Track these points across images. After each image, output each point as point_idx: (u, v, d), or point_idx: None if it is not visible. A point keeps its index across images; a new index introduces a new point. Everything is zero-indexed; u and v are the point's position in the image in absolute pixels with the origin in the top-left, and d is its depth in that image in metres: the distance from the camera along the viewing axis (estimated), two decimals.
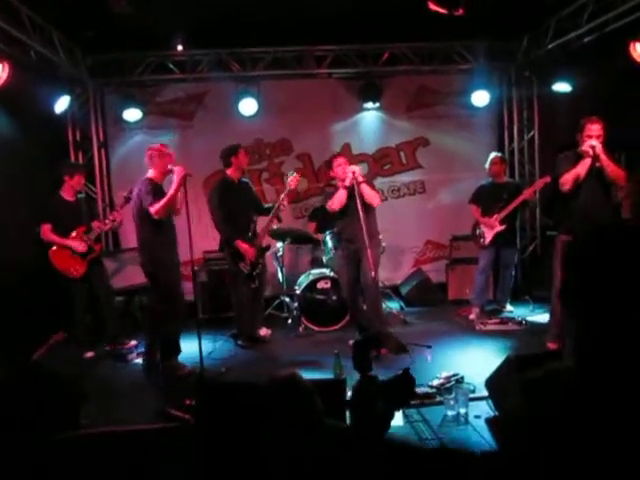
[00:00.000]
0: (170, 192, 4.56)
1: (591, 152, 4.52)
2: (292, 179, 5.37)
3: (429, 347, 4.95)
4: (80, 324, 5.44)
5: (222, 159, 5.55)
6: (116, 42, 6.31)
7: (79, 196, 5.63)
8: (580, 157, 4.63)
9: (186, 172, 4.48)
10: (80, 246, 5.31)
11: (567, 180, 4.60)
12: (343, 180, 5.17)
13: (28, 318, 5.17)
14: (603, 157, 4.54)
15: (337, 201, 5.24)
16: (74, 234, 5.33)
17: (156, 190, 4.66)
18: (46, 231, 5.26)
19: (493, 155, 6.38)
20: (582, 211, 4.59)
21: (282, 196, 5.43)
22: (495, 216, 6.05)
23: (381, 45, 6.95)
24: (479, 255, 6.36)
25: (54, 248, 5.26)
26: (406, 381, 2.27)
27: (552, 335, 4.79)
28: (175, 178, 4.54)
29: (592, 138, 4.58)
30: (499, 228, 6.04)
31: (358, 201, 5.03)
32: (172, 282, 4.74)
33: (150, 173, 4.79)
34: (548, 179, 5.74)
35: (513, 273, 6.33)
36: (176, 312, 4.76)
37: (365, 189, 5.16)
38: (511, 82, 7.47)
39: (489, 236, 6.12)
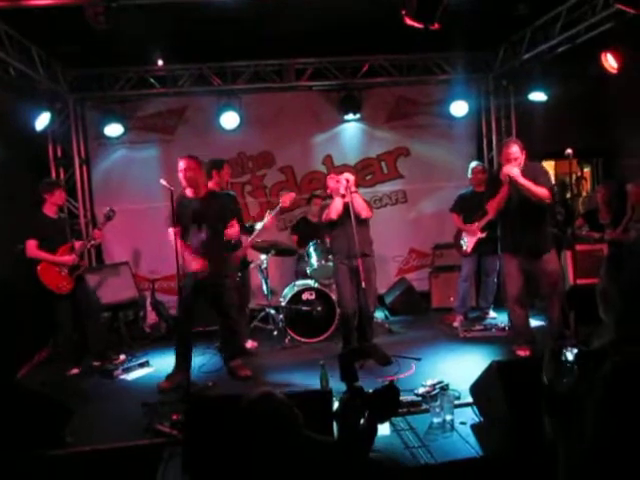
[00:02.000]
0: None
1: (507, 180, 4.63)
2: (286, 197, 5.48)
3: (418, 359, 4.95)
4: (65, 341, 5.39)
5: (205, 170, 5.56)
6: (96, 57, 6.31)
7: (61, 215, 5.62)
8: (498, 178, 4.77)
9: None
10: (70, 259, 5.28)
11: (491, 208, 4.80)
12: (338, 192, 5.19)
13: (11, 336, 5.12)
14: (521, 182, 4.61)
15: (334, 210, 5.20)
16: (60, 251, 5.29)
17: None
18: (32, 247, 5.20)
19: (475, 164, 6.48)
20: (515, 230, 4.74)
21: (268, 215, 5.55)
22: (476, 224, 6.14)
23: (360, 57, 7.04)
24: (461, 263, 6.44)
25: (42, 265, 5.20)
26: (391, 393, 2.31)
27: (521, 342, 4.86)
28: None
29: (510, 162, 4.65)
30: (480, 235, 6.13)
31: (352, 213, 5.02)
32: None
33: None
34: None
35: (495, 280, 6.41)
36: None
37: (356, 199, 5.16)
38: (489, 92, 7.60)
39: (471, 244, 6.21)
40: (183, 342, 4.87)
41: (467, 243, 6.25)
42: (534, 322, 5.23)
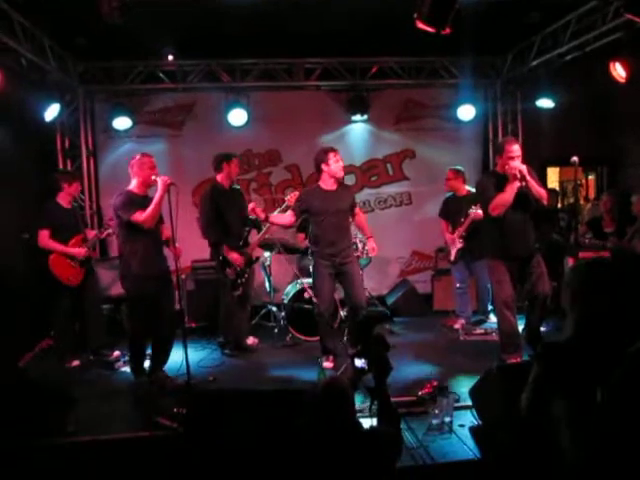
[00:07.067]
0: (155, 201, 4.43)
1: (519, 175, 4.50)
2: (292, 196, 5.31)
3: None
4: (66, 332, 5.40)
5: (214, 163, 5.53)
6: (107, 50, 6.34)
7: (74, 205, 5.62)
8: (501, 177, 4.64)
9: (171, 181, 4.35)
10: (80, 251, 5.27)
11: (497, 205, 4.58)
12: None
13: (14, 325, 5.16)
14: (529, 178, 4.55)
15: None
16: (72, 242, 5.29)
17: (135, 201, 4.51)
18: (44, 237, 5.17)
19: (447, 170, 6.37)
20: (509, 235, 4.64)
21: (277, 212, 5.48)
22: (456, 233, 6.12)
23: (369, 59, 7.07)
24: (452, 269, 6.44)
25: (54, 255, 5.19)
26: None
27: (512, 350, 4.73)
28: (159, 187, 4.41)
29: (515, 160, 4.56)
30: (459, 246, 6.10)
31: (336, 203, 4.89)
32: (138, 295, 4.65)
33: (132, 184, 4.64)
34: None
35: (488, 285, 6.14)
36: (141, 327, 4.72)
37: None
38: (496, 97, 7.63)
39: (453, 252, 6.20)
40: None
41: (450, 252, 6.26)
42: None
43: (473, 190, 6.21)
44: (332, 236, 4.90)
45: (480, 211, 5.75)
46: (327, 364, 5.03)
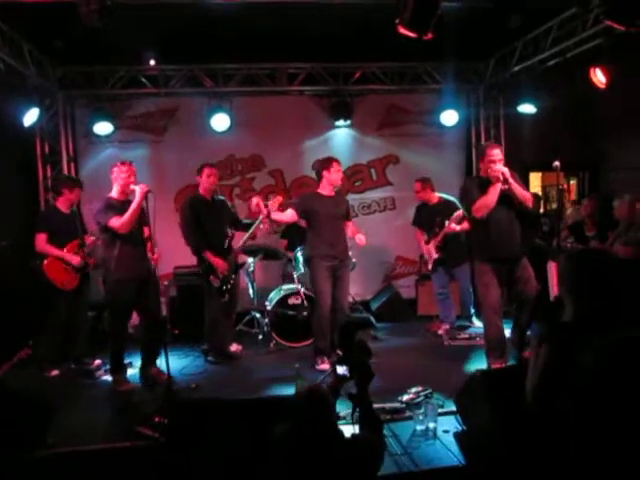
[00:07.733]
0: (131, 208, 4.61)
1: (501, 178, 4.51)
2: (274, 201, 5.30)
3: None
4: (51, 339, 5.29)
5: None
6: (87, 54, 6.27)
7: (73, 209, 5.54)
8: (484, 181, 4.64)
9: (148, 189, 4.57)
10: (75, 259, 5.20)
11: (480, 207, 4.57)
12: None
13: None
14: (511, 181, 4.55)
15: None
16: (68, 247, 5.21)
17: (113, 207, 4.71)
18: (41, 241, 5.12)
19: (415, 182, 6.40)
20: (496, 236, 4.62)
21: (260, 218, 5.40)
22: (431, 244, 6.13)
23: (352, 64, 7.08)
24: (432, 277, 6.44)
25: (49, 260, 5.12)
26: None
27: (497, 355, 4.69)
28: (137, 195, 4.62)
29: (496, 163, 4.57)
30: (435, 256, 6.12)
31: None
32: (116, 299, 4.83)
33: (113, 190, 4.88)
34: (460, 213, 5.72)
35: (470, 289, 6.20)
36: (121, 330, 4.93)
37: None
38: (479, 102, 7.67)
39: (430, 262, 6.22)
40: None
41: (428, 261, 6.26)
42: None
43: (445, 197, 6.33)
44: (332, 238, 5.17)
45: (454, 226, 5.86)
46: (323, 366, 5.07)
